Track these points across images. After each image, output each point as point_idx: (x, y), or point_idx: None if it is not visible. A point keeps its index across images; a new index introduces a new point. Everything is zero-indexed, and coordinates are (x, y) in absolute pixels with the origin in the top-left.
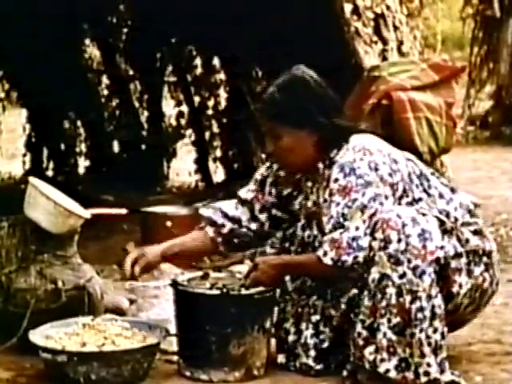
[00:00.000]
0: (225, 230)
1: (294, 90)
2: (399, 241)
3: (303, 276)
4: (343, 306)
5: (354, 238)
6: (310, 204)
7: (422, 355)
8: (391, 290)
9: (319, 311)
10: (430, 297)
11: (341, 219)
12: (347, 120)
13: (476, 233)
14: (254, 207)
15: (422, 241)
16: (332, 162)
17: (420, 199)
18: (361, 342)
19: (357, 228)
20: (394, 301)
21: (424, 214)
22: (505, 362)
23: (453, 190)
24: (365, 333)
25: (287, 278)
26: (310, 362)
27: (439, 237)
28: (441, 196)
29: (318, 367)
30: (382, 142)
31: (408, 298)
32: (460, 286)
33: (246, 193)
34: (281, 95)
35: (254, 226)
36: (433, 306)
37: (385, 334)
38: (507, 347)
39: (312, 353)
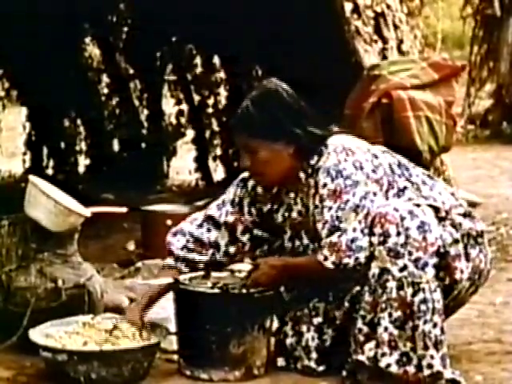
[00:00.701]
0: (201, 266)
1: (267, 103)
2: (398, 234)
3: (305, 278)
4: (346, 305)
5: (352, 240)
6: (294, 215)
7: (426, 347)
8: (391, 284)
9: (321, 313)
10: (430, 290)
11: (336, 222)
12: (346, 118)
13: (465, 215)
14: (237, 230)
15: (421, 233)
16: (314, 168)
17: (405, 188)
18: (361, 338)
19: (354, 229)
20: (394, 294)
21: (418, 205)
22: (505, 362)
23: (430, 177)
24: (365, 328)
25: (282, 289)
26: (312, 364)
27: (438, 228)
28: (424, 183)
29: (321, 369)
30: (358, 140)
31: (410, 290)
32: (461, 271)
33: (225, 216)
34: (254, 109)
35: (232, 249)
36: (433, 301)
37: (386, 329)
38: (507, 346)
39: (314, 355)
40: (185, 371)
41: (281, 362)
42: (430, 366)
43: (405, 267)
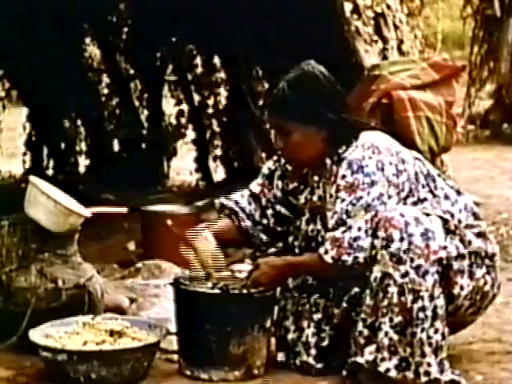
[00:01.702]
0: (244, 224)
1: (303, 87)
2: (402, 240)
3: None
4: (345, 305)
5: (355, 238)
6: (315, 198)
7: (423, 355)
8: (393, 289)
9: (321, 309)
10: (432, 297)
11: (344, 216)
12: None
13: (479, 235)
14: (261, 201)
15: (425, 240)
16: (340, 158)
17: (425, 199)
18: (362, 341)
19: (359, 228)
20: (395, 300)
21: (428, 214)
22: (505, 361)
23: (458, 193)
24: (366, 332)
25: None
26: (311, 360)
27: (442, 237)
28: (446, 197)
29: (319, 366)
30: (391, 140)
31: (410, 297)
32: (461, 287)
33: (255, 186)
34: (290, 91)
35: (265, 221)
36: (435, 307)
37: (386, 333)
38: (507, 346)
39: (313, 351)
40: (185, 371)
41: (281, 357)
42: (427, 373)
43: (406, 273)
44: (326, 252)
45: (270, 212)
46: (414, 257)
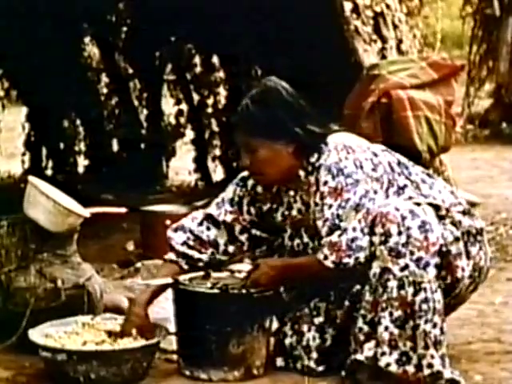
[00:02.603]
0: (201, 264)
1: (267, 102)
2: (400, 233)
3: (304, 279)
4: (347, 304)
5: (352, 240)
6: (294, 213)
7: (426, 347)
8: (392, 283)
9: (322, 313)
10: (431, 290)
11: (336, 221)
12: (345, 118)
13: (465, 213)
14: (234, 229)
15: (423, 232)
16: (314, 166)
17: (405, 186)
18: (361, 337)
19: (354, 229)
20: (395, 294)
21: (419, 204)
22: (504, 361)
23: (429, 176)
24: (366, 328)
25: (282, 289)
26: (312, 364)
27: (439, 227)
28: (423, 181)
29: (320, 369)
30: (358, 138)
31: (411, 290)
32: (463, 269)
33: (224, 215)
34: (254, 107)
35: (231, 248)
36: (433, 301)
37: (386, 328)
38: (507, 346)
39: (314, 355)
40: (184, 371)
41: (280, 362)
42: (430, 366)
43: (406, 266)
44: (326, 258)
45: (244, 237)
46: (414, 249)
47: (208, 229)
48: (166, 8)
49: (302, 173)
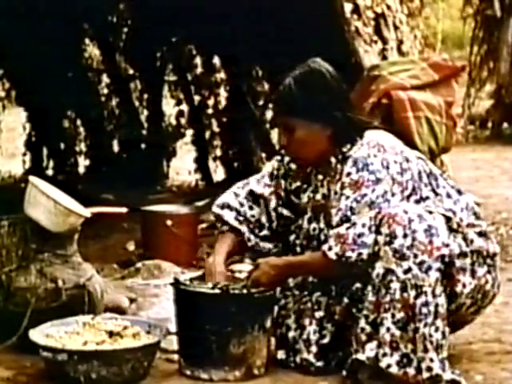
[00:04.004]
0: (249, 243)
1: (309, 83)
2: (405, 236)
3: (306, 275)
4: (346, 300)
5: (359, 235)
6: (319, 197)
7: (425, 350)
8: (395, 285)
9: (323, 307)
10: (434, 294)
11: (348, 213)
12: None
13: (481, 234)
14: (270, 204)
15: (428, 236)
16: (345, 156)
17: (427, 197)
18: (363, 338)
19: (363, 225)
20: (398, 296)
21: (431, 212)
22: (505, 361)
23: (459, 192)
24: (368, 328)
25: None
26: (311, 358)
27: (446, 233)
28: (448, 196)
29: (319, 364)
30: (395, 140)
31: (412, 293)
32: (464, 285)
33: (263, 187)
34: (296, 88)
35: (269, 224)
36: (436, 305)
37: (388, 329)
38: (507, 346)
39: (314, 349)
40: (185, 371)
41: (281, 354)
42: (429, 369)
43: (409, 269)
44: (330, 248)
45: (274, 215)
46: (418, 253)
47: (251, 208)
48: (166, 8)
49: (333, 160)
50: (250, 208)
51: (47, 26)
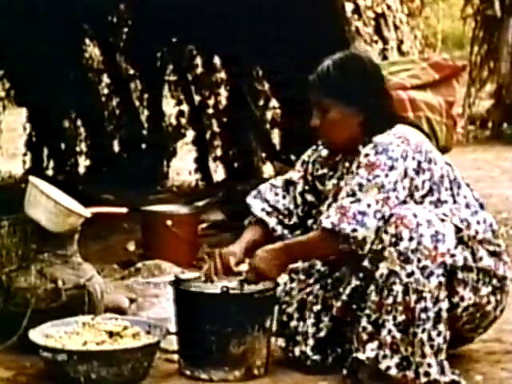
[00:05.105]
0: (276, 233)
1: (348, 66)
2: (411, 239)
3: (306, 258)
4: (344, 298)
5: (361, 213)
6: (342, 183)
7: (423, 355)
8: (398, 288)
9: (320, 301)
10: (437, 299)
11: (356, 188)
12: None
13: (494, 254)
14: (297, 187)
15: (434, 242)
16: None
17: (445, 202)
18: (365, 337)
19: (368, 205)
20: (400, 299)
21: (443, 220)
22: (505, 361)
23: (482, 206)
24: (370, 327)
25: None
26: (308, 350)
27: (453, 242)
28: (467, 206)
29: (315, 357)
30: (425, 140)
31: (414, 297)
32: (462, 298)
33: (293, 173)
34: (334, 69)
35: (298, 210)
36: (439, 309)
37: (389, 331)
38: (507, 346)
39: (311, 342)
40: (185, 371)
41: (281, 342)
42: (426, 374)
43: (412, 273)
44: (328, 217)
45: (300, 200)
46: (422, 257)
47: (284, 197)
48: (166, 8)
49: (361, 148)
50: (284, 197)
51: (47, 26)
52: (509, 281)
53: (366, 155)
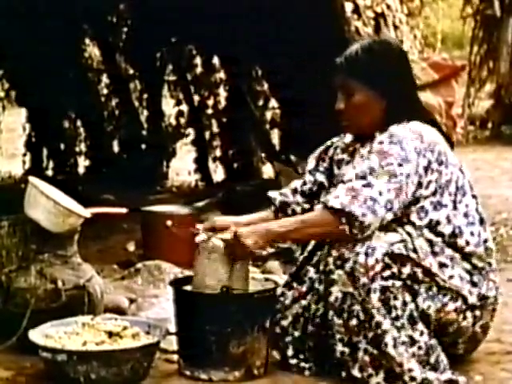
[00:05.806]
0: (289, 211)
1: (376, 51)
2: (349, 259)
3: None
4: (321, 310)
5: (373, 199)
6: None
7: (400, 365)
8: (357, 307)
9: (316, 317)
10: (405, 303)
11: (367, 170)
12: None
13: (480, 270)
14: (308, 165)
15: (364, 256)
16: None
17: (445, 206)
18: (347, 359)
19: (380, 192)
20: (362, 317)
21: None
22: (504, 361)
23: (482, 221)
24: (347, 350)
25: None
26: (304, 363)
27: (382, 251)
28: (466, 215)
29: (312, 368)
30: (442, 141)
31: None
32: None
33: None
34: (362, 52)
35: (306, 187)
36: (411, 311)
37: (366, 350)
38: (507, 346)
39: (307, 354)
40: (184, 371)
41: (275, 354)
42: (413, 379)
43: (360, 293)
44: (337, 197)
45: (309, 178)
46: (359, 275)
47: (304, 183)
48: (166, 8)
49: (377, 134)
50: (304, 183)
51: (47, 26)
52: (491, 299)
53: (381, 142)
